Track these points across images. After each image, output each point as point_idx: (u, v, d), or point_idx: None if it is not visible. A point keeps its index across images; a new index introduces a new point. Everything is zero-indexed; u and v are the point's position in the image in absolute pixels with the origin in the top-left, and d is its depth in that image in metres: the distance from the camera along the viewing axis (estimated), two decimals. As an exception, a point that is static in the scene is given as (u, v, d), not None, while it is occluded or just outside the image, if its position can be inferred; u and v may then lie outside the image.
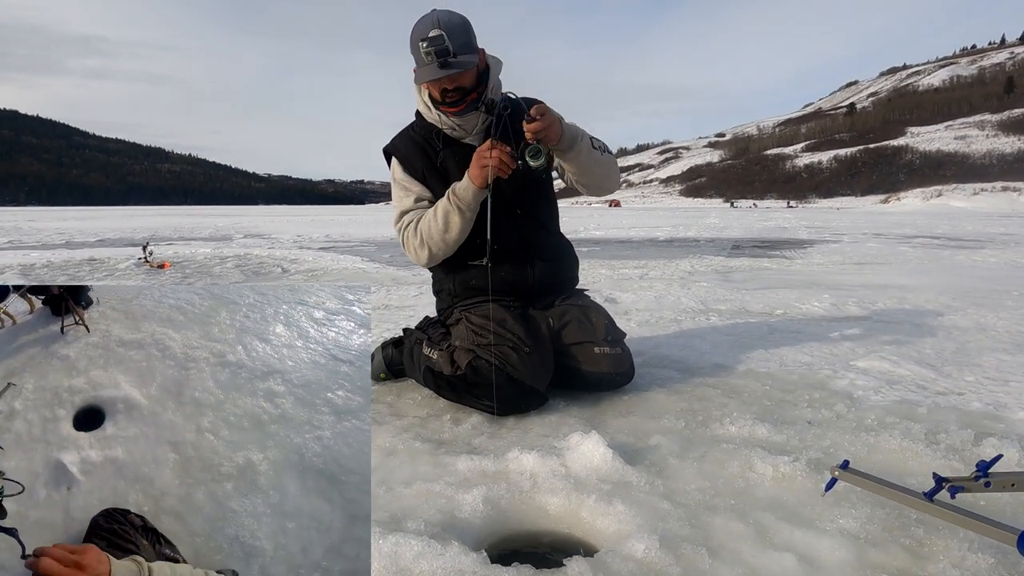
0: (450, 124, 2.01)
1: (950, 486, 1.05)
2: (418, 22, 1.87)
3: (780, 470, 1.46)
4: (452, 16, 1.87)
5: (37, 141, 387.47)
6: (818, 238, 12.06)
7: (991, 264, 6.89)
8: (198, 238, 12.92)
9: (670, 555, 1.12)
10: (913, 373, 2.33)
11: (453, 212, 1.96)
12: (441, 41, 1.79)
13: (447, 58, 1.82)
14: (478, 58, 1.92)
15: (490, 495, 1.35)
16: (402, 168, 2.11)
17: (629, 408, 1.97)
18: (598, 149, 2.06)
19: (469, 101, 1.95)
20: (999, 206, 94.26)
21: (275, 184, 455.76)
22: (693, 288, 4.80)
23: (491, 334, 1.94)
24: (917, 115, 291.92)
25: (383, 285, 5.18)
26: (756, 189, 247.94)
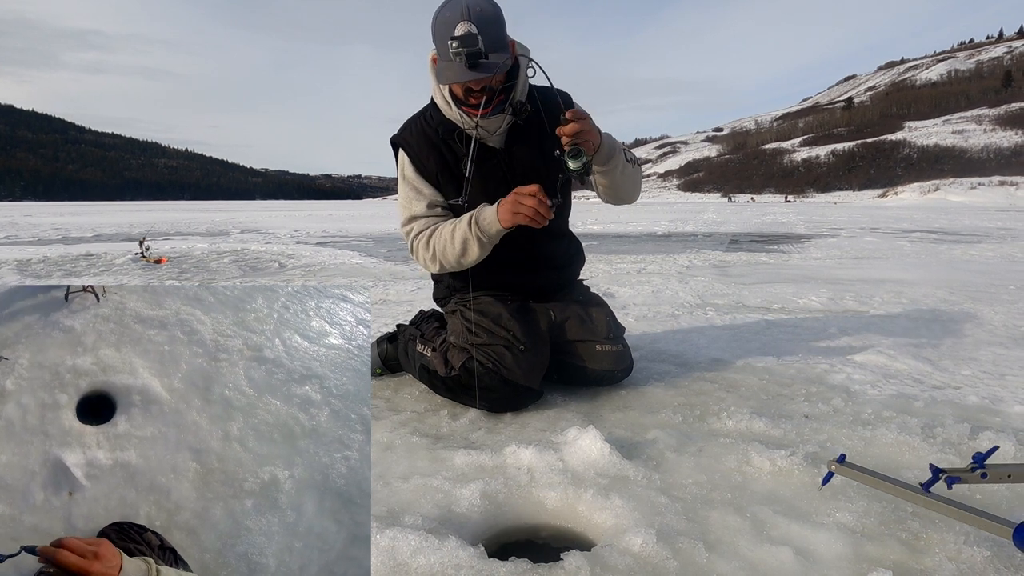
0: (472, 125, 1.85)
1: (947, 477, 1.05)
2: (444, 7, 1.68)
3: (777, 464, 1.46)
4: (484, 6, 1.66)
5: (33, 136, 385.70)
6: (815, 232, 12.06)
7: (988, 258, 6.90)
8: (195, 233, 12.89)
9: (667, 549, 1.12)
10: (910, 367, 2.33)
11: (473, 242, 1.83)
12: (474, 42, 1.60)
13: (478, 59, 1.63)
14: (510, 54, 1.73)
15: (488, 489, 1.35)
16: (413, 167, 1.95)
17: (626, 403, 1.97)
18: (631, 163, 1.92)
19: (497, 102, 1.79)
20: (996, 200, 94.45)
21: (272, 179, 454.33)
22: (691, 283, 4.80)
23: (485, 332, 1.91)
24: (915, 109, 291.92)
25: (380, 280, 5.18)
26: (754, 183, 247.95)
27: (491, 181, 1.92)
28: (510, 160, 1.93)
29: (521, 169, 1.93)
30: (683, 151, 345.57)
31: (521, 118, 1.84)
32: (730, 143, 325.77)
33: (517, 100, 1.83)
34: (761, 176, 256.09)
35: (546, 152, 1.85)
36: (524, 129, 1.90)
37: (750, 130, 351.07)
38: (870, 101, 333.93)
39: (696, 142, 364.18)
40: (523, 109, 1.81)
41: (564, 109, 1.72)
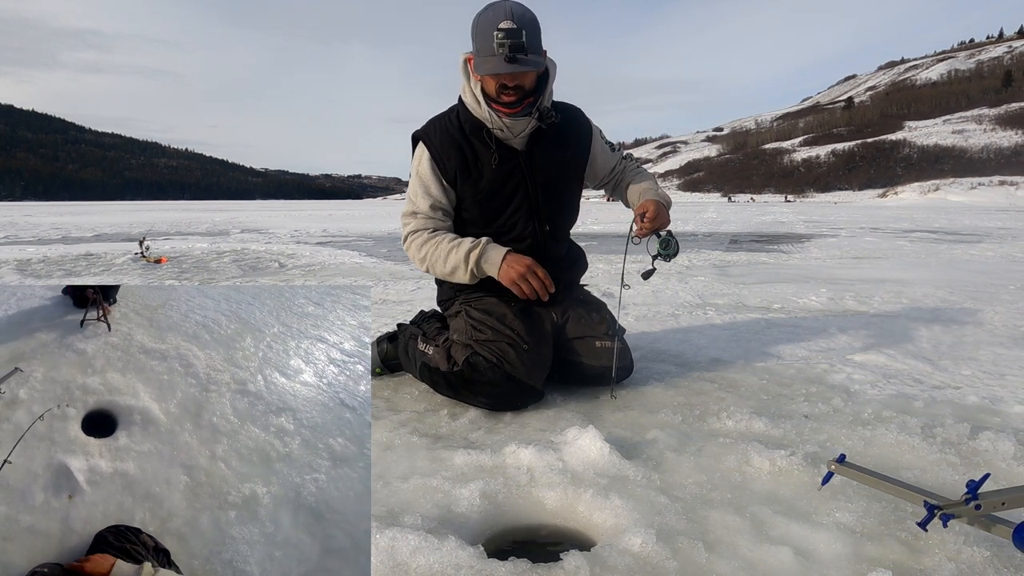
0: (500, 124, 1.90)
1: (942, 514, 1.05)
2: (487, 9, 1.79)
3: (777, 464, 1.46)
4: (525, 11, 1.78)
5: (33, 136, 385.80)
6: (815, 232, 12.06)
7: (988, 258, 6.90)
8: (195, 233, 12.89)
9: (667, 549, 1.12)
10: (910, 367, 2.33)
11: (464, 271, 1.93)
12: (519, 35, 1.70)
13: (519, 54, 1.72)
14: (544, 58, 1.85)
15: (487, 489, 1.35)
16: (432, 164, 1.98)
17: (626, 402, 1.97)
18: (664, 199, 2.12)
19: (526, 104, 1.87)
20: (996, 200, 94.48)
21: (272, 179, 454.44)
22: (691, 282, 4.80)
23: (489, 329, 1.94)
24: (915, 109, 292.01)
25: (380, 280, 5.18)
26: (754, 183, 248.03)
27: (510, 181, 1.98)
28: (531, 163, 1.98)
29: (541, 173, 2.00)
30: (683, 151, 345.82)
31: (546, 123, 1.93)
32: (730, 143, 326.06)
33: (544, 106, 1.92)
34: (761, 176, 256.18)
35: (564, 159, 2.04)
36: (545, 135, 1.98)
37: (750, 130, 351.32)
38: (870, 101, 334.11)
39: (696, 142, 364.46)
40: (549, 115, 1.92)
41: (581, 127, 2.06)
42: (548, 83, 1.92)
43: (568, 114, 2.05)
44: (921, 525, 1.07)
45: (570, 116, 2.06)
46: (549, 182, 2.01)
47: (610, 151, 2.18)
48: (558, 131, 1.99)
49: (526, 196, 2.00)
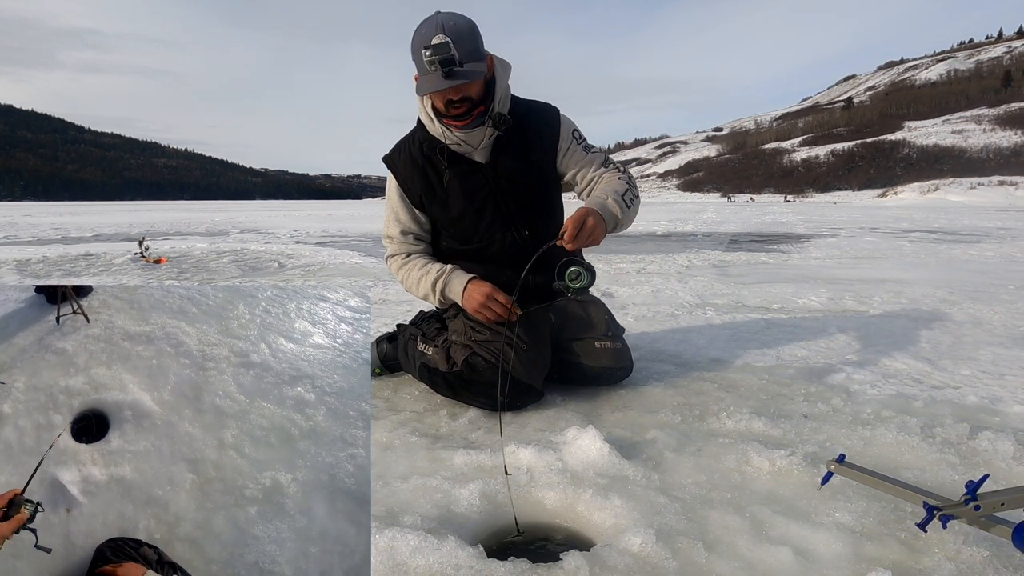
0: (454, 139, 1.88)
1: (941, 515, 1.05)
2: (420, 26, 1.72)
3: (776, 464, 1.46)
4: (458, 20, 1.72)
5: (32, 136, 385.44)
6: (815, 232, 12.06)
7: (987, 258, 6.90)
8: (195, 233, 12.88)
9: (666, 549, 1.12)
10: (909, 367, 2.33)
11: (433, 297, 2.00)
12: (446, 49, 1.65)
13: (452, 67, 1.67)
14: (486, 66, 1.78)
15: (487, 490, 1.35)
16: (398, 190, 2.03)
17: (626, 402, 1.97)
18: (627, 203, 1.90)
19: (476, 114, 1.82)
20: (996, 200, 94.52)
21: (272, 179, 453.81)
22: (690, 282, 4.80)
23: (488, 330, 1.93)
24: (914, 109, 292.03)
25: (380, 280, 5.18)
26: (753, 183, 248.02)
27: (477, 195, 1.95)
28: (495, 173, 1.94)
29: (506, 182, 1.95)
30: (683, 151, 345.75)
31: (502, 130, 1.88)
32: (730, 143, 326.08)
33: (497, 112, 1.86)
34: (761, 176, 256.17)
35: (532, 164, 1.96)
36: (509, 142, 1.92)
37: (750, 130, 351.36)
38: (870, 101, 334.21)
39: (696, 142, 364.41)
40: (503, 121, 1.86)
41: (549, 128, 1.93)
42: (497, 87, 1.86)
43: (537, 116, 1.98)
44: (920, 526, 1.07)
45: (539, 118, 1.98)
46: (518, 189, 1.95)
47: (582, 152, 2.01)
48: (523, 136, 1.92)
49: (497, 208, 1.96)
